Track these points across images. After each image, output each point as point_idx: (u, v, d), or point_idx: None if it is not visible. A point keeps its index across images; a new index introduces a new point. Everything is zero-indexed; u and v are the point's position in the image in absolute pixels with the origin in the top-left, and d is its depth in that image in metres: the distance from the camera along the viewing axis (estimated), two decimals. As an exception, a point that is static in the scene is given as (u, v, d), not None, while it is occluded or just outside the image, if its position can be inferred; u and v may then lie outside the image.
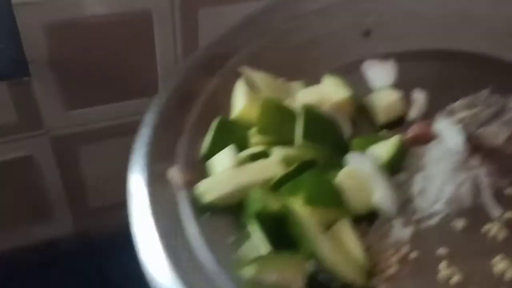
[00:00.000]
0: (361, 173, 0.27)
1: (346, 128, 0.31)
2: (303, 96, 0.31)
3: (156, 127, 0.30)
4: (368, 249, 0.26)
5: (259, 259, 0.24)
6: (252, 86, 0.32)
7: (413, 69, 0.35)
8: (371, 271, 0.25)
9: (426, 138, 0.29)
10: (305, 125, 0.29)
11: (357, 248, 0.25)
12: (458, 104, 0.32)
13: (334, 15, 0.36)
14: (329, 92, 0.32)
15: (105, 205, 0.58)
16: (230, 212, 0.27)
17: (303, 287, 0.24)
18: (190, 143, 0.30)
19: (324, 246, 0.24)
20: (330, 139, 0.30)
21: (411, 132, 0.30)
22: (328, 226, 0.26)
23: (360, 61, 0.35)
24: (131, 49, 0.47)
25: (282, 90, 0.32)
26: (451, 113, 0.31)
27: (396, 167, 0.28)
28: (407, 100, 0.33)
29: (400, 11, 0.37)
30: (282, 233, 0.25)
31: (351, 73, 0.34)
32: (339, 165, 0.28)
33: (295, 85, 0.33)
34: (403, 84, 0.33)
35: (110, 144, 0.53)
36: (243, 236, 0.26)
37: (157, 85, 0.51)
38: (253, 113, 0.30)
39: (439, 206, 0.27)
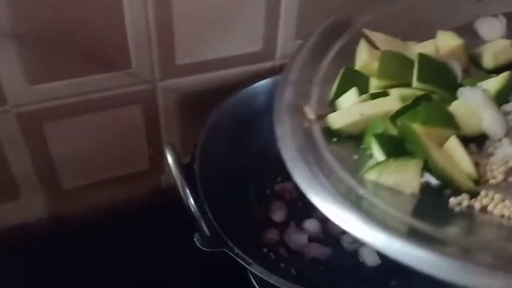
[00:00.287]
0: (472, 102, 0.31)
1: (458, 72, 0.34)
2: (419, 48, 0.35)
3: (297, 73, 0.37)
4: (476, 164, 0.29)
5: (379, 164, 0.29)
6: (372, 46, 0.37)
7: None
8: (478, 180, 0.29)
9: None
10: (419, 69, 0.33)
11: (466, 159, 0.29)
12: None
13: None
14: (442, 42, 0.36)
15: (79, 186, 0.54)
16: (353, 139, 0.32)
17: (418, 190, 0.29)
18: (322, 88, 0.36)
19: (437, 156, 0.28)
20: (443, 81, 0.33)
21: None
22: (441, 146, 0.30)
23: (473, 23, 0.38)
24: (99, 20, 0.43)
25: (399, 47, 0.36)
26: None
27: (504, 99, 0.32)
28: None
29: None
30: (399, 154, 0.29)
31: (464, 32, 0.37)
32: (452, 100, 0.32)
33: (411, 43, 0.37)
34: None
35: (80, 122, 0.49)
36: (364, 156, 0.31)
37: (128, 58, 0.46)
38: (373, 66, 0.35)
39: None
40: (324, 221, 0.49)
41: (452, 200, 0.28)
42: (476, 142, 0.31)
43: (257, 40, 0.52)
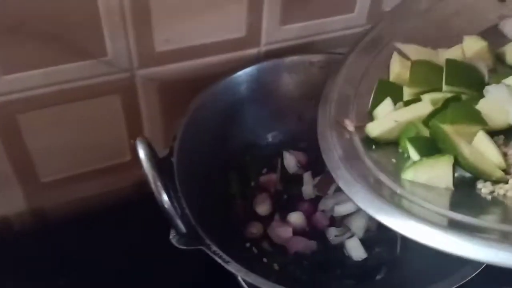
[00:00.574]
0: (498, 98, 0.33)
1: (485, 72, 0.36)
2: (447, 55, 0.37)
3: (337, 89, 0.40)
4: (504, 154, 0.31)
5: (414, 164, 0.32)
6: (405, 58, 0.40)
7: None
8: (507, 169, 0.31)
9: None
10: (447, 73, 0.35)
11: (494, 151, 0.31)
12: None
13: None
14: (468, 46, 0.38)
15: (59, 179, 0.53)
16: (392, 144, 0.35)
17: (451, 184, 0.31)
18: (360, 101, 0.39)
19: (466, 151, 0.30)
20: (470, 81, 0.35)
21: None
22: (470, 142, 0.32)
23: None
24: (71, 5, 0.41)
25: (430, 56, 0.39)
26: None
27: None
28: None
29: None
30: (433, 153, 0.32)
31: (491, 34, 0.39)
32: (480, 98, 0.34)
33: (441, 50, 0.39)
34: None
35: (56, 112, 0.47)
36: (402, 159, 0.34)
37: (103, 45, 0.44)
38: (406, 76, 0.37)
39: None
40: (310, 214, 0.48)
41: (484, 190, 0.30)
42: (504, 134, 0.33)
43: (240, 25, 0.50)
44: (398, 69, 0.39)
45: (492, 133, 0.33)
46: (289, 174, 0.51)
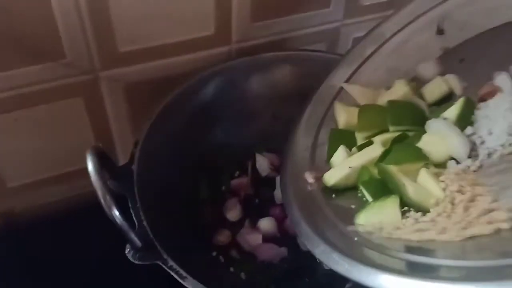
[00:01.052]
0: (438, 132, 0.34)
1: (426, 109, 0.38)
2: (388, 95, 0.39)
3: (299, 140, 0.41)
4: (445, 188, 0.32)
5: (364, 208, 0.33)
6: (349, 101, 0.41)
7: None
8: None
9: (492, 94, 0.35)
10: (391, 113, 0.37)
11: (435, 186, 0.31)
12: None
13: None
14: (396, 90, 0.40)
15: (25, 183, 0.51)
16: (352, 191, 0.36)
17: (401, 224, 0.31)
18: (319, 152, 0.40)
19: (410, 189, 0.31)
20: (414, 119, 0.37)
21: (482, 91, 0.36)
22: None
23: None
24: (22, 6, 0.39)
25: (374, 96, 0.40)
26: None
27: (466, 122, 0.34)
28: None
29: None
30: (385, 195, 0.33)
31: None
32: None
33: (383, 90, 0.41)
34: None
35: (17, 117, 0.45)
36: (361, 205, 0.34)
37: (60, 47, 0.42)
38: (354, 122, 0.39)
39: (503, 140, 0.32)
40: (281, 219, 0.46)
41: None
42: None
43: (208, 23, 0.48)
44: (344, 117, 0.40)
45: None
46: (261, 177, 0.50)
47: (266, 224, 0.45)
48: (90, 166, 0.33)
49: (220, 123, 0.51)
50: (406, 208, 0.32)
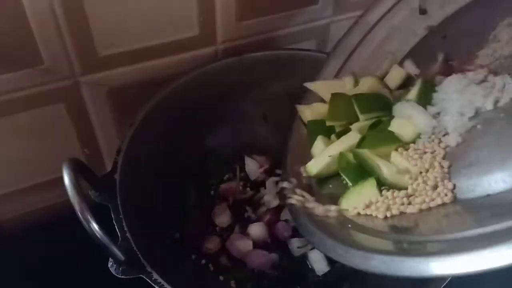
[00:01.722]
0: (404, 113, 0.36)
1: (389, 96, 0.39)
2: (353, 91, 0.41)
3: (295, 137, 0.43)
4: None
5: (345, 194, 0.35)
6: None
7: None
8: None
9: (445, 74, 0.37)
10: (358, 104, 0.38)
11: (407, 165, 0.33)
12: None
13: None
14: (364, 83, 0.41)
15: (8, 192, 0.50)
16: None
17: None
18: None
19: (385, 170, 0.33)
20: (381, 106, 0.38)
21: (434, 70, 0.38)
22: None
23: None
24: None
25: (339, 86, 0.42)
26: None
27: (426, 101, 0.36)
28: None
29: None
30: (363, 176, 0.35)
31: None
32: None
33: (347, 79, 0.42)
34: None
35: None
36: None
37: (37, 53, 0.41)
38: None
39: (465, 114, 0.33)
40: (272, 224, 0.45)
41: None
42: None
43: (191, 24, 0.46)
44: (309, 114, 0.42)
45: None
46: (251, 181, 0.49)
47: (257, 229, 0.44)
48: (67, 180, 0.31)
49: (207, 126, 0.50)
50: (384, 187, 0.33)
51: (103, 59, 0.44)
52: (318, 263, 0.42)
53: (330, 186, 0.37)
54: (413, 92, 0.36)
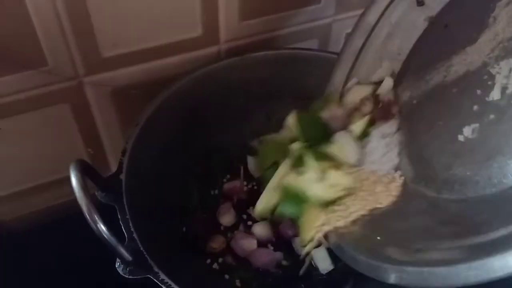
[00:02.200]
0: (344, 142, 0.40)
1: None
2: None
3: None
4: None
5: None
6: None
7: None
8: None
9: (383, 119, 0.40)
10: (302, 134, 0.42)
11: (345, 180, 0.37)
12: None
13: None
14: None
15: (13, 192, 0.50)
16: None
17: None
18: None
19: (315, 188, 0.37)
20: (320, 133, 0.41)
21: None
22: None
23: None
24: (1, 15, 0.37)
25: None
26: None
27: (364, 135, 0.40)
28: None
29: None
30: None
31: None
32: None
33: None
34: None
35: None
36: None
37: (42, 55, 0.41)
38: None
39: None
40: (276, 223, 0.45)
41: None
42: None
43: (195, 24, 0.46)
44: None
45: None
46: (255, 179, 0.49)
47: (261, 228, 0.44)
48: (74, 181, 0.32)
49: (210, 126, 0.50)
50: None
51: (106, 60, 0.44)
52: (322, 262, 0.42)
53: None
54: (357, 126, 0.40)
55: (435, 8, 0.41)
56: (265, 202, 0.39)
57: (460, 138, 0.32)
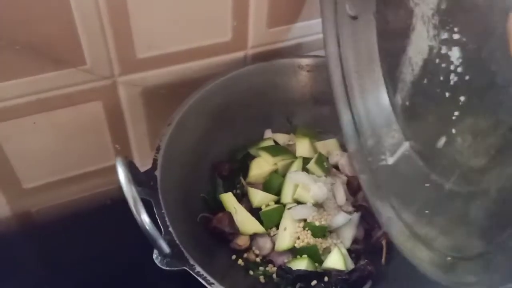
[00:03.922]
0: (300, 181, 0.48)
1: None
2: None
3: None
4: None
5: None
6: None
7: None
8: None
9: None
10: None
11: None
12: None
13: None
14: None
15: (42, 184, 0.52)
16: None
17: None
18: None
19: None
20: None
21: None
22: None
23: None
24: (45, 15, 0.39)
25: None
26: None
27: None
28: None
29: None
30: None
31: None
32: None
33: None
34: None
35: (35, 121, 0.46)
36: None
37: (81, 54, 0.43)
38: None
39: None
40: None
41: None
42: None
43: (225, 30, 0.48)
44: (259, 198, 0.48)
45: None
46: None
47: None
48: (121, 176, 0.33)
49: (235, 127, 0.52)
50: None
51: (140, 61, 0.46)
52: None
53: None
54: (295, 166, 0.48)
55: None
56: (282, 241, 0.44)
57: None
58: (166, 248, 0.34)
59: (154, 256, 0.35)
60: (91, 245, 0.49)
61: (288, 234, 0.44)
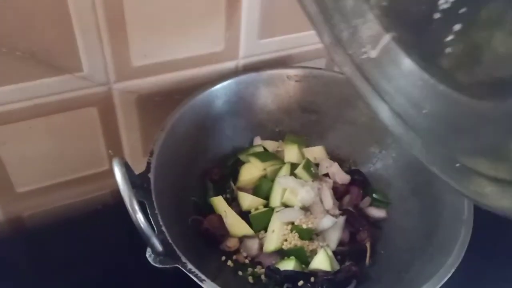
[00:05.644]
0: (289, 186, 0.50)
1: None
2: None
3: None
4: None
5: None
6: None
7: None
8: None
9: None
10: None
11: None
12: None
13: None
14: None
15: (35, 188, 0.53)
16: None
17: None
18: None
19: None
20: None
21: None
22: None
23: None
24: (43, 22, 0.40)
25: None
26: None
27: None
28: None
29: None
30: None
31: None
32: None
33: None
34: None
35: (30, 125, 0.47)
36: None
37: (78, 61, 0.44)
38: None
39: None
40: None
41: None
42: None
43: (219, 40, 0.50)
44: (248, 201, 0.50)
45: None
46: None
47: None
48: (118, 175, 0.35)
49: (227, 134, 0.54)
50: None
51: (136, 69, 0.48)
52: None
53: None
54: (284, 171, 0.50)
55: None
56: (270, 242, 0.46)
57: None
58: (159, 246, 0.36)
59: (147, 254, 0.36)
60: (82, 250, 0.50)
61: (276, 236, 0.45)
